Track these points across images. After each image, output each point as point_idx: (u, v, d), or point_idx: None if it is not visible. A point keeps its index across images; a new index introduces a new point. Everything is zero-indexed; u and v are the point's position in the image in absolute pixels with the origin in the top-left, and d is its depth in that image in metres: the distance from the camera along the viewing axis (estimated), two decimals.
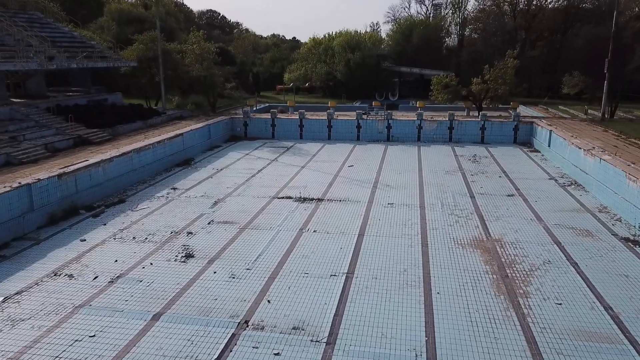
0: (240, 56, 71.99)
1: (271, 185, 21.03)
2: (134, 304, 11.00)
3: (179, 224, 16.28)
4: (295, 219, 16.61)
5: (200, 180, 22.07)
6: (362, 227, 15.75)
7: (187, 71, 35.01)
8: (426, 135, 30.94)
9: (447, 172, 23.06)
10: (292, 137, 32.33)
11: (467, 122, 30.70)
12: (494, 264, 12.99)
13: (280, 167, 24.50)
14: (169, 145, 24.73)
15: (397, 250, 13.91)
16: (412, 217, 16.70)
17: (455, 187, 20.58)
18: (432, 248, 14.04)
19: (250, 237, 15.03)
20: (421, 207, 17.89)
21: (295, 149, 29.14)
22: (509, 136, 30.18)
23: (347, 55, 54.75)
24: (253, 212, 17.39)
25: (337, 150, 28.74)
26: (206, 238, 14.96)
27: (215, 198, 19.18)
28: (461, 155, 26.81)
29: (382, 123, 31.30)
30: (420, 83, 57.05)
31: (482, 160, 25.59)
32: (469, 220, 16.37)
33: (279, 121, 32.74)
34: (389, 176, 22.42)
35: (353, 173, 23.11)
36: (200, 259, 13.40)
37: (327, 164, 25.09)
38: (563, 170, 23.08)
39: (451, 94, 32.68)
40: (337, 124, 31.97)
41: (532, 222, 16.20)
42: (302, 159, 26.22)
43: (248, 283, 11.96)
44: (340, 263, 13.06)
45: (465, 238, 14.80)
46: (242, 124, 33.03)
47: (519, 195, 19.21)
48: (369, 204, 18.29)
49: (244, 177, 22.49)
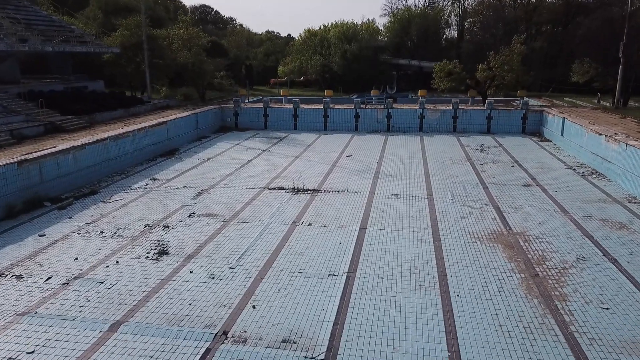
0: (233, 50, 69.87)
1: (262, 175, 19.06)
2: (89, 311, 9.01)
3: (155, 216, 14.28)
4: (288, 211, 14.66)
5: (183, 170, 20.06)
6: (363, 220, 13.81)
7: (174, 58, 32.87)
8: (429, 125, 29.04)
9: (454, 162, 21.15)
10: (286, 128, 30.35)
11: (472, 111, 28.82)
12: (520, 260, 11.08)
13: (272, 157, 22.52)
14: (150, 134, 22.70)
15: (406, 245, 11.98)
16: (420, 209, 14.78)
17: (464, 177, 18.68)
18: (446, 243, 12.12)
19: (235, 231, 13.06)
20: (429, 197, 15.96)
21: (289, 140, 27.17)
22: (516, 125, 28.32)
23: (343, 46, 52.73)
24: (240, 204, 15.42)
25: (334, 140, 26.80)
26: (184, 232, 12.98)
27: (198, 189, 17.19)
28: (467, 145, 24.92)
29: (381, 112, 29.37)
30: (419, 76, 55.14)
31: (491, 150, 23.71)
32: (485, 212, 14.46)
33: (272, 111, 30.75)
34: (391, 166, 20.50)
35: (352, 163, 21.18)
36: (175, 256, 11.42)
37: (323, 154, 23.14)
38: (580, 159, 21.22)
39: (455, 81, 30.74)
40: (333, 113, 30.02)
41: (555, 213, 14.31)
42: (296, 149, 24.26)
43: (230, 284, 10.00)
44: (340, 260, 11.11)
45: (483, 231, 12.89)
46: (232, 114, 31.01)
47: (537, 185, 17.33)
48: (371, 194, 16.35)
49: (232, 167, 20.50)
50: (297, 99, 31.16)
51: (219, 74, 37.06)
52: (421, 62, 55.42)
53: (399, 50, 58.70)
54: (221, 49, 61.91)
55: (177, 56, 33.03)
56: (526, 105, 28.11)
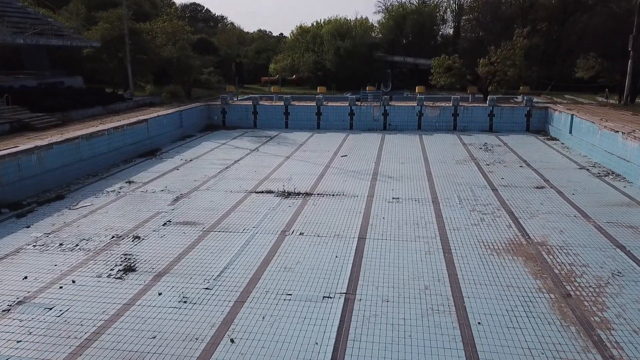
0: (224, 48, 68.00)
1: (249, 177, 17.37)
2: (27, 348, 7.30)
3: (125, 225, 12.56)
4: (277, 218, 12.99)
5: (163, 172, 18.32)
6: (362, 228, 12.17)
7: (158, 53, 31.04)
8: (428, 123, 27.48)
9: (458, 162, 19.58)
10: (277, 126, 28.67)
11: (474, 108, 27.30)
12: (546, 277, 9.49)
13: (261, 158, 20.84)
14: (129, 133, 20.92)
15: (412, 258, 10.36)
16: (425, 215, 13.16)
17: (470, 178, 17.11)
18: (458, 255, 10.51)
19: (215, 242, 11.37)
20: (434, 201, 14.36)
21: (280, 139, 25.49)
22: (520, 123, 26.83)
23: (336, 43, 51.12)
24: (223, 210, 13.72)
25: (328, 139, 25.16)
26: (157, 244, 11.27)
27: (177, 193, 15.47)
28: (470, 144, 23.37)
29: (377, 110, 27.77)
30: (414, 73, 53.69)
31: (496, 149, 22.17)
32: (498, 218, 12.87)
33: (262, 108, 29.04)
34: (390, 166, 18.89)
35: (347, 163, 19.54)
36: (142, 274, 9.72)
37: (316, 154, 21.49)
38: (592, 158, 19.73)
39: (455, 77, 29.20)
40: (327, 111, 28.37)
41: (577, 219, 12.75)
42: (287, 149, 22.59)
43: (204, 311, 8.32)
44: (337, 278, 9.46)
45: (498, 241, 11.30)
46: (219, 112, 29.27)
47: (551, 187, 15.79)
48: (369, 198, 14.72)
49: (217, 168, 18.79)
50: (288, 96, 29.49)
51: (206, 70, 35.24)
52: (416, 59, 53.88)
53: (393, 47, 57.13)
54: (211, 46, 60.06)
55: (161, 51, 31.19)
56: (530, 102, 26.64)
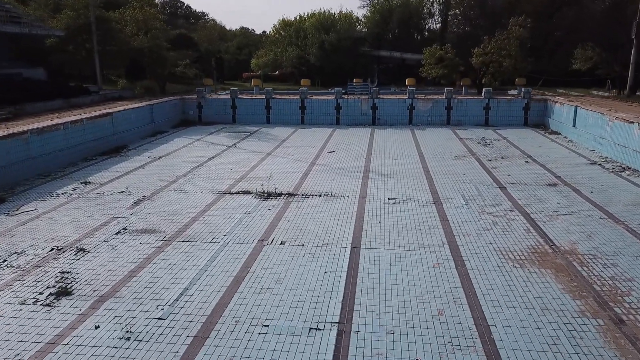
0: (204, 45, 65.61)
1: (223, 176, 15.30)
2: None
3: (69, 235, 10.41)
4: (254, 223, 10.97)
5: (126, 171, 16.14)
6: (355, 235, 10.21)
7: (128, 42, 28.68)
8: (419, 116, 25.68)
9: (457, 158, 17.77)
10: (258, 122, 26.60)
11: (468, 101, 25.57)
12: (587, 295, 7.65)
13: (238, 155, 18.77)
14: (90, 128, 18.68)
15: (418, 273, 8.44)
16: (428, 218, 11.26)
17: (473, 175, 15.28)
18: (474, 269, 8.62)
19: (176, 255, 9.30)
20: (436, 202, 12.47)
21: (261, 134, 23.43)
22: (518, 117, 25.20)
23: (321, 37, 49.08)
24: (190, 214, 11.65)
25: (313, 134, 23.18)
26: (105, 258, 9.16)
27: (139, 195, 13.34)
28: (467, 139, 21.61)
29: (366, 103, 25.87)
30: (401, 68, 52.02)
31: (495, 144, 20.43)
32: (512, 221, 11.03)
33: (241, 102, 26.94)
34: (382, 162, 16.99)
35: (335, 160, 17.59)
36: (80, 299, 7.63)
37: (300, 150, 19.50)
38: (602, 152, 18.09)
39: (447, 68, 27.44)
40: (312, 104, 26.39)
41: (604, 222, 10.98)
42: (268, 145, 20.55)
43: (153, 351, 6.27)
44: (326, 302, 7.49)
45: (518, 249, 9.44)
46: (195, 106, 27.08)
47: (565, 185, 14.03)
48: (362, 199, 12.77)
49: (188, 166, 16.68)
50: (269, 88, 27.44)
51: (182, 62, 32.96)
52: (403, 53, 52.17)
53: (379, 42, 55.37)
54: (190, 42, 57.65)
55: (131, 40, 28.84)
56: (528, 94, 25.01)
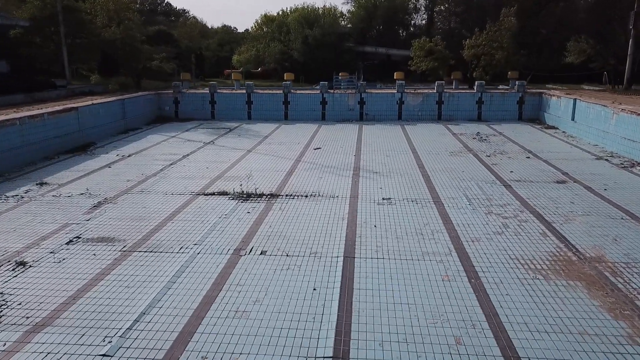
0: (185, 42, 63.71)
1: (197, 175, 13.76)
2: None
3: (11, 245, 8.80)
4: (230, 230, 9.48)
5: (89, 170, 14.49)
6: (348, 243, 8.80)
7: (99, 33, 26.83)
8: (409, 111, 24.40)
9: (453, 154, 16.48)
10: (238, 117, 25.06)
11: (460, 95, 24.37)
12: (630, 315, 6.35)
13: (216, 152, 17.23)
14: (51, 124, 16.95)
15: (426, 288, 7.05)
16: (429, 221, 9.89)
17: (473, 172, 13.99)
18: (490, 281, 7.27)
19: (137, 269, 7.78)
20: (436, 202, 11.12)
21: (241, 130, 21.89)
22: (512, 111, 24.08)
23: (304, 31, 47.66)
24: (156, 219, 10.11)
25: (298, 131, 21.72)
26: (47, 275, 7.60)
27: (101, 197, 11.74)
28: (461, 134, 20.37)
29: (353, 98, 24.50)
30: (386, 64, 50.87)
31: (491, 139, 19.22)
32: (525, 223, 9.73)
33: (221, 97, 25.35)
34: (373, 159, 15.61)
35: (322, 157, 16.16)
36: (6, 330, 6.07)
37: (284, 146, 18.04)
38: (607, 147, 16.97)
39: (438, 61, 26.22)
40: (296, 99, 24.93)
41: (626, 223, 9.74)
42: (249, 142, 19.04)
43: None
44: (317, 330, 6.04)
45: (538, 257, 8.13)
46: (172, 102, 25.41)
47: (574, 182, 12.81)
48: (353, 199, 11.37)
49: (159, 165, 15.10)
50: (250, 82, 25.89)
51: (158, 55, 31.18)
52: (389, 49, 51.09)
53: (364, 37, 54.16)
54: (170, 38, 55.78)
55: (102, 32, 26.99)
56: (522, 88, 23.90)
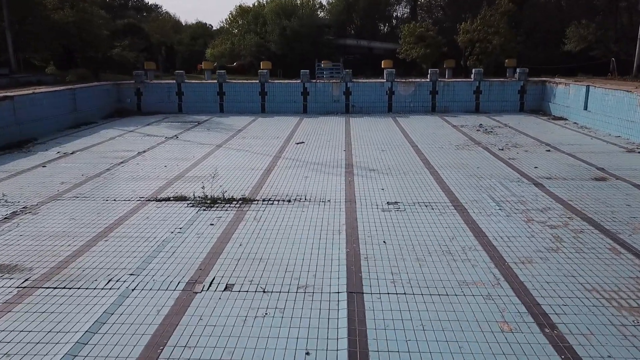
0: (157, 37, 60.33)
1: (152, 176, 11.01)
2: None
3: None
4: (184, 250, 6.80)
5: (16, 171, 11.59)
6: (351, 270, 6.21)
7: (48, 15, 23.64)
8: (400, 103, 21.98)
9: (460, 147, 14.07)
10: (209, 110, 22.25)
11: (456, 84, 22.05)
12: None
13: (178, 148, 14.46)
14: None
15: (482, 349, 4.51)
16: (456, 233, 7.37)
17: (490, 168, 11.59)
18: (574, 330, 4.78)
19: (35, 319, 5.03)
20: (457, 207, 8.63)
21: (211, 124, 19.12)
22: (512, 102, 21.87)
23: (282, 22, 44.92)
24: (86, 236, 7.35)
25: (276, 124, 19.07)
26: None
27: (18, 205, 8.90)
28: (461, 126, 18.02)
29: (338, 87, 21.95)
30: (368, 58, 48.54)
31: (497, 131, 16.91)
32: (583, 235, 7.31)
33: (188, 88, 22.50)
34: (368, 155, 13.08)
35: (307, 152, 13.55)
36: None
37: (260, 141, 15.38)
38: (633, 138, 14.77)
39: (429, 47, 23.87)
40: (274, 90, 22.25)
41: None
42: (219, 136, 16.32)
43: None
44: None
45: (626, 288, 5.69)
46: (133, 93, 22.45)
47: (617, 179, 10.50)
48: (350, 205, 8.79)
49: (106, 164, 12.27)
50: (222, 71, 23.10)
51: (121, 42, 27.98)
52: (371, 42, 48.77)
53: (344, 30, 51.75)
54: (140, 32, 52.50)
55: (52, 14, 23.81)
56: (524, 76, 21.70)
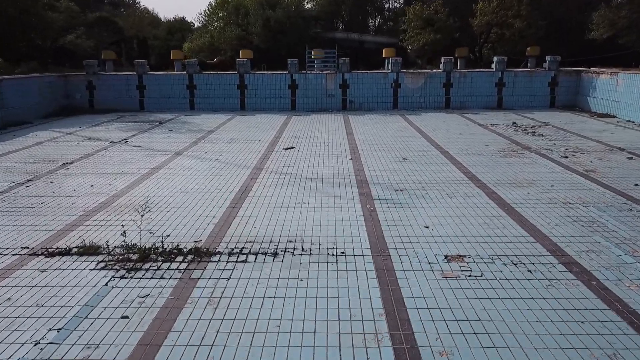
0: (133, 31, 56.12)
1: (63, 203, 7.11)
2: None
3: None
4: None
5: None
6: None
7: None
8: (408, 98, 18.31)
9: (505, 154, 10.40)
10: (177, 107, 18.36)
11: (475, 75, 18.46)
12: None
13: (122, 156, 10.54)
14: None
15: None
16: (599, 328, 3.68)
17: (569, 187, 7.93)
18: None
19: None
20: (568, 264, 4.94)
21: (176, 123, 15.22)
22: (541, 96, 18.34)
23: (265, 13, 41.10)
24: None
25: (258, 123, 15.24)
26: None
27: None
28: (492, 125, 14.39)
29: (333, 79, 18.22)
30: (359, 53, 44.99)
31: (540, 131, 13.31)
32: None
33: (153, 81, 18.55)
34: (383, 165, 9.33)
35: (299, 163, 9.75)
36: None
37: (236, 146, 11.55)
38: None
39: (440, 32, 20.25)
40: (255, 82, 18.43)
41: None
42: (182, 139, 12.44)
43: None
44: None
45: None
46: (84, 87, 18.43)
47: None
48: (382, 262, 5.02)
49: (7, 182, 8.33)
50: (193, 60, 19.18)
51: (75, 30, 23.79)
52: (362, 35, 45.16)
53: (332, 23, 48.13)
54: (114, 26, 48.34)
55: None
56: (555, 65, 18.20)
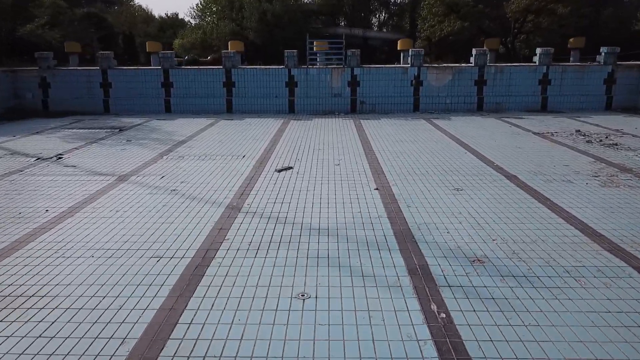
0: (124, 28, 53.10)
1: None
2: None
3: None
4: None
5: None
6: None
7: None
8: (431, 98, 15.04)
9: (601, 181, 7.11)
10: (150, 109, 15.07)
11: (514, 71, 15.16)
12: None
13: (35, 184, 7.23)
14: None
15: None
16: None
17: None
18: None
19: None
20: None
21: (139, 131, 11.90)
22: (595, 96, 15.06)
23: (262, 6, 37.90)
24: None
25: (246, 130, 11.93)
26: None
27: None
28: (550, 134, 11.08)
29: (339, 76, 14.94)
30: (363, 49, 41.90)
31: (622, 142, 10.01)
32: None
33: (119, 77, 15.24)
34: (429, 200, 6.03)
35: (298, 194, 6.44)
36: None
37: (210, 165, 8.24)
38: None
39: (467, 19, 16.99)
40: (245, 78, 15.14)
41: None
42: (139, 154, 9.13)
43: None
44: None
45: None
46: (36, 85, 15.14)
47: None
48: None
49: None
50: (169, 52, 15.87)
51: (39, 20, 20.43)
52: (366, 31, 41.98)
53: (334, 17, 44.96)
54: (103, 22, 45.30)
55: None
56: (612, 58, 14.92)
